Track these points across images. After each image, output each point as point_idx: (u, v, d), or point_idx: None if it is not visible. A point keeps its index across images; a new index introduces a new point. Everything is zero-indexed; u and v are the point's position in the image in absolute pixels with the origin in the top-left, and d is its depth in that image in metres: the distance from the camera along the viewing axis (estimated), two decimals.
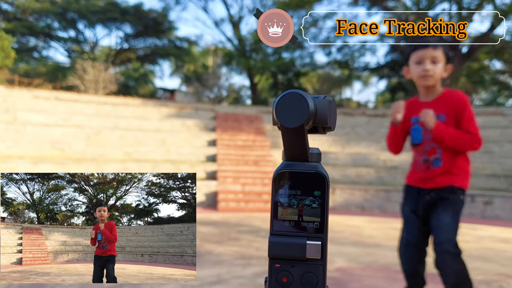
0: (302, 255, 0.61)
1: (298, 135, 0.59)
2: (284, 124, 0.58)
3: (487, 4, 19.09)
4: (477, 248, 6.65)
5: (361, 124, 16.11)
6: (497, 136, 13.99)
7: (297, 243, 0.61)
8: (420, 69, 2.54)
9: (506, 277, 4.86)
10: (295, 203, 0.62)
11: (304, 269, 0.62)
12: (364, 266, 5.20)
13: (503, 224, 9.78)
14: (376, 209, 11.69)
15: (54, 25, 25.76)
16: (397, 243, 3.11)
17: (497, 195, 10.81)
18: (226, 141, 14.55)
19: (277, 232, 0.63)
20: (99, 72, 18.84)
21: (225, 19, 26.93)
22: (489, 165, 12.55)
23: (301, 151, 0.61)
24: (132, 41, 27.79)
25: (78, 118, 14.16)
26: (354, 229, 8.35)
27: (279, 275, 0.61)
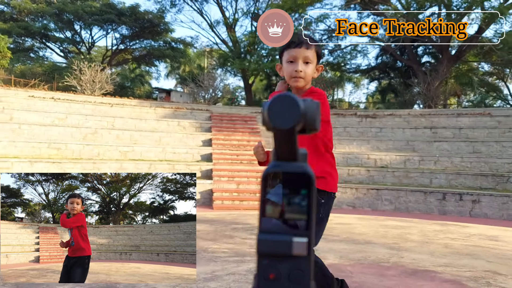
0: (289, 252, 0.62)
1: (289, 136, 0.61)
2: (277, 126, 0.60)
3: (475, 7, 19.40)
4: (465, 245, 6.79)
5: (353, 124, 16.38)
6: (484, 136, 14.30)
7: (285, 240, 0.62)
8: (292, 69, 2.46)
9: (494, 274, 4.93)
10: (283, 202, 0.64)
11: (291, 265, 0.62)
12: (354, 263, 5.26)
13: (491, 222, 10.01)
14: (367, 207, 11.97)
15: (50, 26, 25.69)
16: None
17: (485, 194, 11.07)
18: (221, 141, 14.76)
19: (266, 230, 0.64)
20: (95, 73, 18.92)
21: (220, 21, 27.04)
22: (477, 164, 12.85)
23: (291, 152, 0.64)
24: (128, 42, 27.79)
25: (74, 118, 14.30)
26: (345, 226, 8.50)
27: (266, 272, 0.62)
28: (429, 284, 4.46)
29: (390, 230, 8.24)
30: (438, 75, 19.69)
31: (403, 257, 5.73)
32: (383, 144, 14.71)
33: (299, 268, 0.62)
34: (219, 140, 14.75)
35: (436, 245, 6.75)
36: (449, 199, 11.34)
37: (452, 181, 12.29)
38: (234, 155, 13.91)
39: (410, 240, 7.08)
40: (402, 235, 7.60)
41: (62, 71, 23.58)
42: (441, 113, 16.27)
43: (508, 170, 12.38)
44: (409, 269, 5.04)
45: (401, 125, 15.88)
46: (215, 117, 16.85)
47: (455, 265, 5.29)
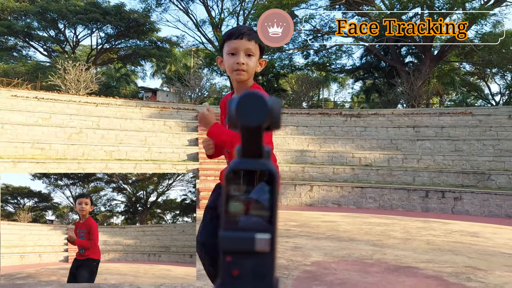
0: (252, 248, 0.63)
1: (256, 134, 0.61)
2: (245, 123, 0.59)
3: (457, 8, 19.74)
4: (447, 242, 6.93)
5: (338, 123, 16.54)
6: (466, 135, 14.59)
7: (247, 237, 0.63)
8: (233, 61, 2.29)
9: (474, 269, 5.03)
10: (246, 199, 0.64)
11: (254, 262, 0.62)
12: (339, 260, 5.31)
13: (472, 219, 10.22)
14: (352, 205, 12.12)
15: (34, 25, 25.32)
16: None
17: (466, 191, 11.29)
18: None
19: (229, 227, 0.64)
20: (80, 72, 18.73)
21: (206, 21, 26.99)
22: (458, 162, 13.09)
23: (257, 149, 0.64)
24: (114, 41, 27.54)
25: (58, 117, 14.15)
26: (330, 224, 8.60)
27: (230, 268, 0.62)
28: (411, 280, 4.54)
29: (374, 227, 8.34)
30: (421, 75, 19.98)
31: (386, 253, 5.81)
32: (367, 143, 14.90)
33: (262, 264, 0.62)
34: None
35: (419, 241, 6.86)
36: (431, 197, 11.54)
37: (435, 179, 12.51)
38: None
39: (393, 237, 7.18)
40: (386, 232, 7.70)
41: (46, 70, 23.28)
42: (424, 112, 16.54)
43: (489, 168, 12.65)
44: (392, 266, 5.10)
45: (385, 124, 16.10)
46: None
47: (437, 261, 5.38)
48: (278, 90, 27.78)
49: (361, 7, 22.16)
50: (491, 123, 14.77)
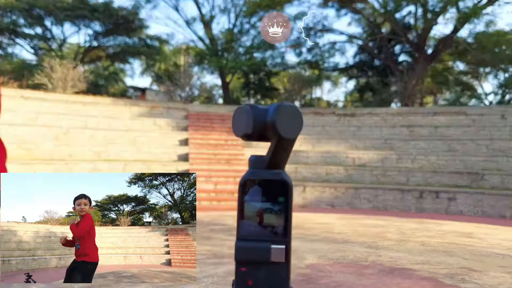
0: (267, 258, 0.63)
1: (291, 145, 0.63)
2: (285, 135, 0.60)
3: (451, 7, 19.71)
4: (441, 242, 6.90)
5: (331, 123, 16.39)
6: (460, 134, 14.52)
7: (263, 248, 0.63)
8: None
9: (469, 270, 5.03)
10: (260, 209, 0.65)
11: (269, 272, 0.63)
12: (334, 262, 5.29)
13: (466, 219, 10.18)
14: (346, 206, 11.96)
15: (20, 22, 24.90)
16: None
17: (460, 191, 11.23)
18: (198, 140, 14.52)
19: (244, 237, 0.64)
20: (67, 70, 18.36)
21: (197, 18, 26.68)
22: (452, 162, 13.02)
23: (284, 160, 0.65)
24: (102, 39, 27.17)
25: (45, 117, 13.80)
26: (324, 226, 8.51)
27: (245, 278, 0.63)
28: (407, 281, 4.54)
29: (369, 228, 8.29)
30: (415, 74, 19.94)
31: (381, 255, 5.79)
32: (361, 142, 14.77)
33: (277, 275, 0.63)
34: (196, 140, 14.51)
35: (414, 243, 6.83)
36: (426, 197, 11.44)
37: (429, 179, 12.41)
38: (211, 154, 13.71)
39: (388, 239, 7.14)
40: (380, 234, 7.66)
41: (33, 68, 22.84)
42: (418, 111, 16.45)
43: (483, 168, 12.59)
44: (387, 268, 5.10)
45: (379, 123, 15.98)
46: (192, 116, 16.58)
47: (432, 263, 5.37)
48: (269, 89, 27.58)
49: (354, 4, 22.02)
50: (485, 122, 14.72)
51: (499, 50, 20.47)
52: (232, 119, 0.66)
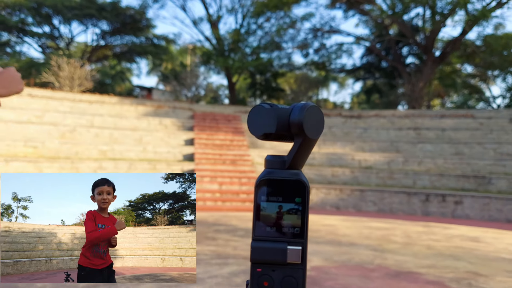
0: (283, 259, 0.63)
1: (313, 146, 0.65)
2: (311, 136, 0.62)
3: (459, 9, 19.58)
4: (447, 246, 6.85)
5: (337, 124, 16.31)
6: (467, 137, 14.40)
7: (278, 248, 0.63)
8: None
9: (475, 275, 4.98)
10: (277, 209, 0.64)
11: (284, 273, 0.62)
12: (339, 265, 5.27)
13: (473, 223, 10.09)
14: (351, 208, 11.89)
15: (28, 20, 25.06)
16: None
17: (467, 195, 11.12)
18: (203, 140, 14.51)
19: (259, 237, 0.64)
20: (74, 69, 18.44)
21: (204, 18, 26.70)
22: (459, 166, 12.91)
23: (304, 160, 0.66)
24: (109, 38, 27.29)
25: (52, 115, 13.85)
26: (329, 228, 8.46)
27: (260, 279, 0.62)
28: (412, 285, 4.51)
29: (374, 231, 8.24)
30: (423, 76, 19.83)
31: (387, 258, 5.76)
32: (367, 144, 14.68)
33: (292, 276, 0.62)
34: (202, 140, 14.50)
35: (419, 246, 6.79)
36: (432, 200, 11.35)
37: (435, 182, 12.31)
38: (217, 155, 13.69)
39: (393, 242, 7.09)
40: (386, 237, 7.61)
41: (40, 67, 22.97)
42: (425, 114, 16.34)
43: (490, 172, 12.47)
44: (393, 271, 5.07)
45: (386, 125, 15.89)
46: (197, 116, 16.58)
47: (438, 266, 5.34)
48: (276, 89, 27.53)
49: (362, 5, 21.93)
50: (492, 126, 14.59)
51: (507, 53, 20.33)
52: (248, 119, 0.65)
